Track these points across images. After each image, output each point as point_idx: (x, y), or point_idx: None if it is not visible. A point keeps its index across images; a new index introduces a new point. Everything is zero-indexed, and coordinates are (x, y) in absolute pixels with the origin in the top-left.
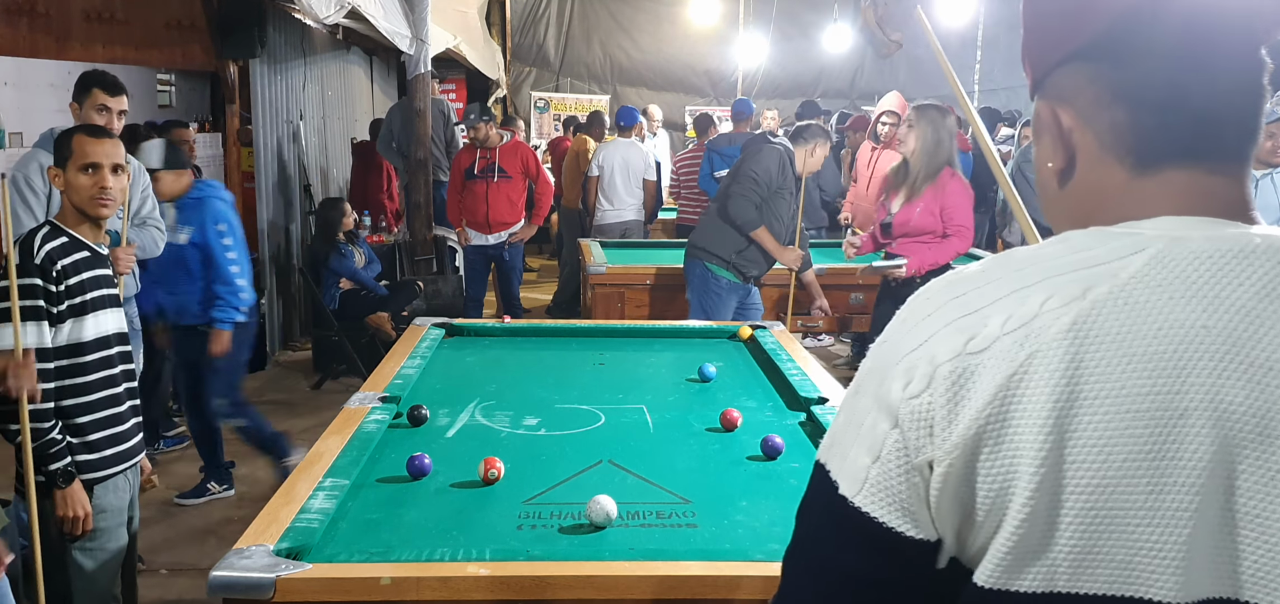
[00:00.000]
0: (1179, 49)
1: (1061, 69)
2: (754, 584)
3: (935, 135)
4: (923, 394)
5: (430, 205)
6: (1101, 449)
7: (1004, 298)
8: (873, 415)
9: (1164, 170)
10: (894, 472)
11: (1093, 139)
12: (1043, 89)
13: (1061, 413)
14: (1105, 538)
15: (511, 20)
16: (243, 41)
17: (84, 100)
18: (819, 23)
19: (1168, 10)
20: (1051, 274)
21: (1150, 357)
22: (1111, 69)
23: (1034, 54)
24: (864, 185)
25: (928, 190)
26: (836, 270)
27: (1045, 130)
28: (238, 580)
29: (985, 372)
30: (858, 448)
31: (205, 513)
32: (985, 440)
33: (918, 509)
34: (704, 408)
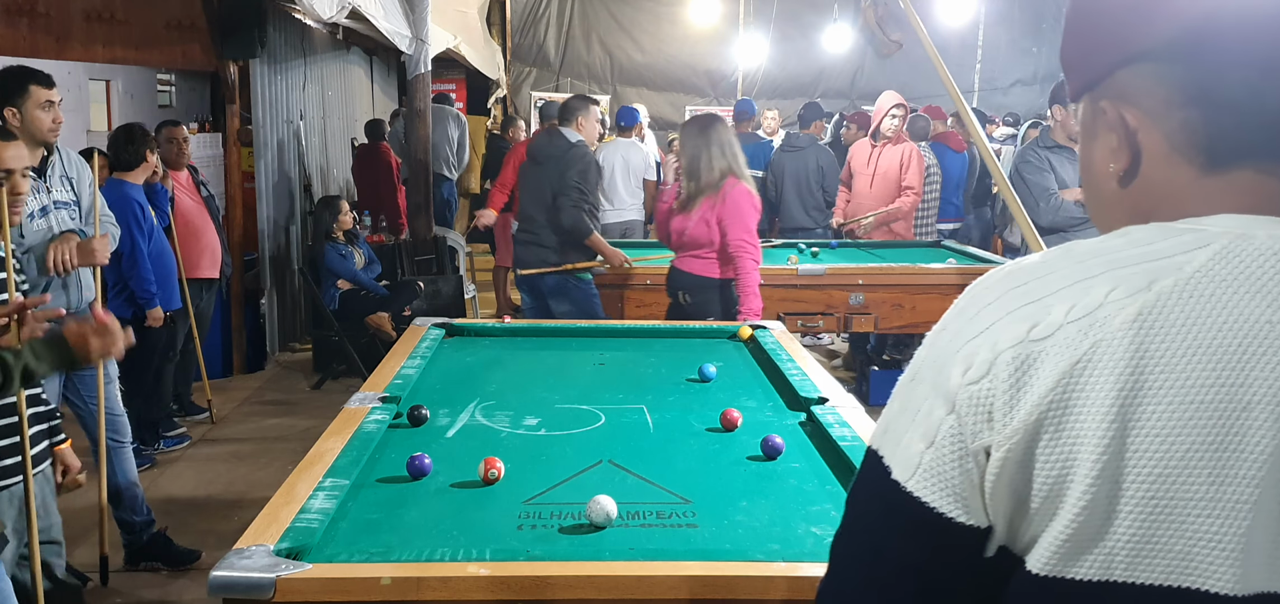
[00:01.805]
0: (1259, 52)
1: (1126, 69)
2: (754, 584)
3: (696, 148)
4: (982, 380)
5: (431, 205)
6: (1164, 439)
7: (1067, 288)
8: (929, 402)
9: (1233, 170)
10: (948, 457)
11: (1161, 138)
12: (1101, 89)
13: (1125, 402)
14: (1164, 528)
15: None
16: (243, 41)
17: (23, 100)
18: (819, 23)
19: (1250, 14)
20: (1115, 266)
21: (1215, 349)
22: (1186, 70)
23: (1090, 54)
24: (866, 184)
25: (705, 201)
26: (837, 270)
27: (1107, 130)
28: (238, 580)
29: (1048, 359)
30: (912, 434)
31: (205, 513)
32: (1046, 427)
33: (970, 495)
34: (704, 408)
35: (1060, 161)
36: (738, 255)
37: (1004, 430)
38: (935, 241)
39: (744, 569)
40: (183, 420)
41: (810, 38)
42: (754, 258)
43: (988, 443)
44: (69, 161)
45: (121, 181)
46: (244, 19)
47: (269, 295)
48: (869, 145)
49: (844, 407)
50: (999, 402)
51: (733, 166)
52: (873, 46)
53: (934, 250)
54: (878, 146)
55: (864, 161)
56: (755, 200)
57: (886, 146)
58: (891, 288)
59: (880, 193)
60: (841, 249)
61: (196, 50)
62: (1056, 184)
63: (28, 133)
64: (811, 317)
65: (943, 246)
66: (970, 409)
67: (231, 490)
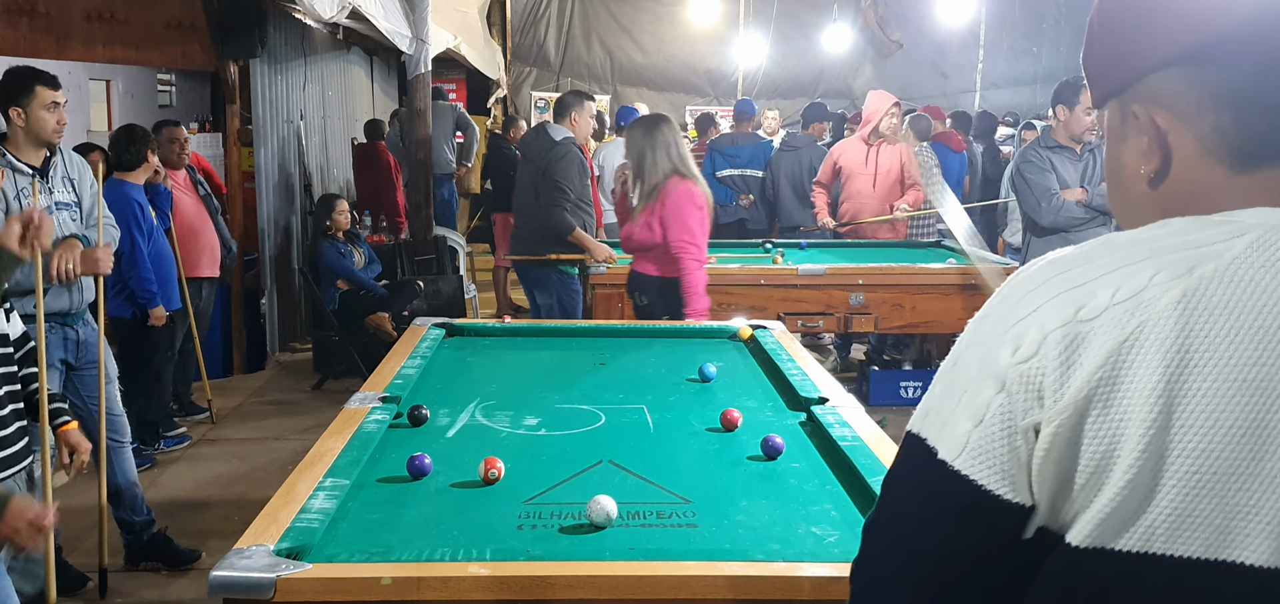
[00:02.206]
0: None
1: (1157, 74)
2: (754, 584)
3: (641, 150)
4: (1032, 359)
5: (431, 205)
6: (1208, 415)
7: (1111, 272)
8: (976, 383)
9: (1264, 169)
10: (997, 435)
11: (1192, 140)
12: (1130, 93)
13: (1171, 380)
14: (1205, 501)
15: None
16: (243, 41)
17: (29, 101)
18: (819, 23)
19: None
20: (1157, 253)
21: (1256, 331)
22: (1218, 74)
23: (1120, 61)
24: (868, 184)
25: (650, 203)
26: (837, 271)
27: (1137, 133)
28: (238, 580)
29: (1097, 338)
30: (959, 414)
31: (205, 513)
32: (1094, 403)
33: (1017, 473)
34: (704, 408)
35: (1061, 161)
36: (679, 255)
37: (1054, 407)
38: (935, 242)
39: (744, 569)
40: (183, 420)
41: (810, 38)
42: (695, 257)
43: (1037, 420)
44: (70, 162)
45: (122, 181)
46: (244, 19)
47: (269, 295)
48: (864, 145)
49: (844, 407)
50: (1049, 380)
51: (679, 167)
52: (873, 46)
53: (934, 250)
54: (874, 146)
55: (861, 161)
56: (700, 199)
57: (882, 145)
58: (891, 288)
59: (884, 191)
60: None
61: (196, 50)
62: (1057, 184)
63: (32, 133)
64: (811, 317)
65: (943, 246)
66: (1021, 387)
67: (231, 490)
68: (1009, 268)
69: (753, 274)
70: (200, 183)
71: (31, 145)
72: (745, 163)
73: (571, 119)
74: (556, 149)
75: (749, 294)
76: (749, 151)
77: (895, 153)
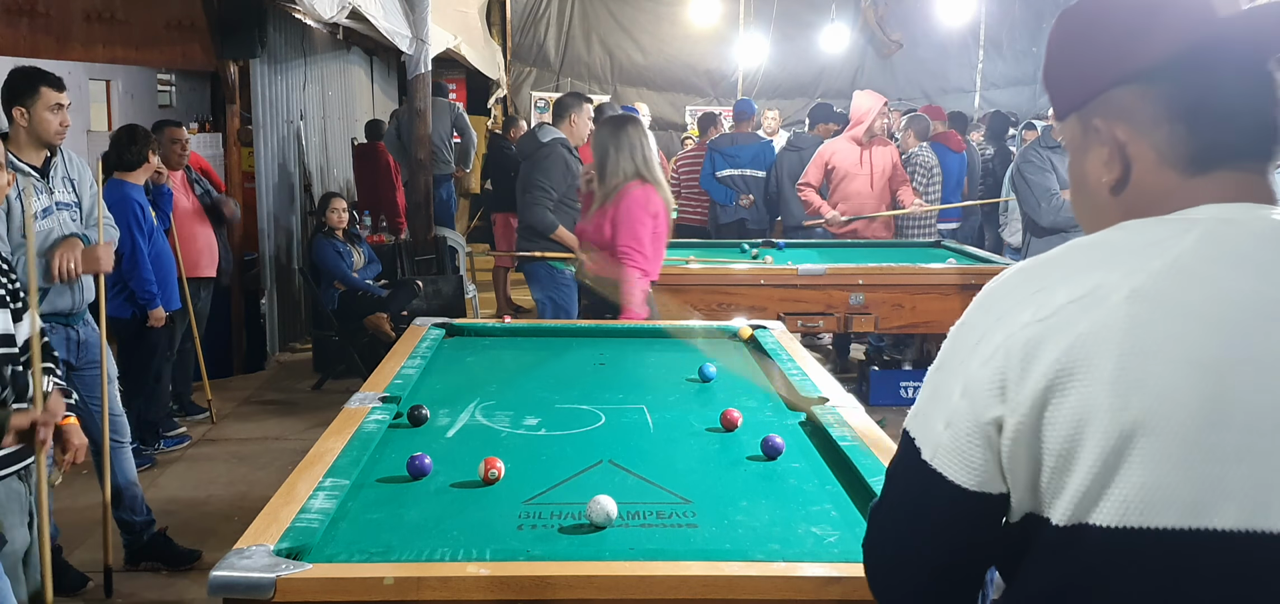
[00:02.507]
0: (1237, 71)
1: (1115, 89)
2: (754, 584)
3: (604, 149)
4: (992, 360)
5: (430, 205)
6: (1166, 397)
7: (1071, 275)
8: (949, 385)
9: (1216, 171)
10: (965, 433)
11: (1150, 149)
12: (1090, 108)
13: (1125, 367)
14: (1173, 475)
15: (511, 20)
16: (243, 41)
17: (33, 101)
18: (819, 23)
19: (1227, 38)
20: (1112, 254)
21: (1205, 316)
22: (1171, 88)
23: (1080, 78)
24: (866, 184)
25: (604, 205)
26: (837, 271)
27: (1098, 144)
28: (238, 580)
29: (1052, 335)
30: (935, 415)
31: (205, 513)
32: (1053, 393)
33: (988, 468)
34: (704, 408)
35: (1062, 161)
36: (622, 260)
37: (1014, 401)
38: (935, 242)
39: (744, 569)
40: (182, 420)
41: (810, 37)
42: (637, 265)
43: (1000, 416)
44: (70, 163)
45: (122, 182)
46: (244, 19)
47: (269, 295)
48: (856, 146)
49: (844, 407)
50: (1011, 378)
51: (641, 170)
52: (873, 46)
53: (934, 250)
54: (867, 146)
55: (855, 161)
56: (656, 207)
57: (875, 145)
58: (891, 288)
59: (881, 190)
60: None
61: (196, 50)
62: (1058, 184)
63: (34, 133)
64: (811, 317)
65: (943, 246)
66: (984, 388)
67: (231, 490)
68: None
69: (753, 274)
70: (196, 182)
71: (33, 146)
72: (745, 163)
73: (569, 121)
74: (542, 149)
75: (749, 294)
76: (749, 152)
77: (888, 152)
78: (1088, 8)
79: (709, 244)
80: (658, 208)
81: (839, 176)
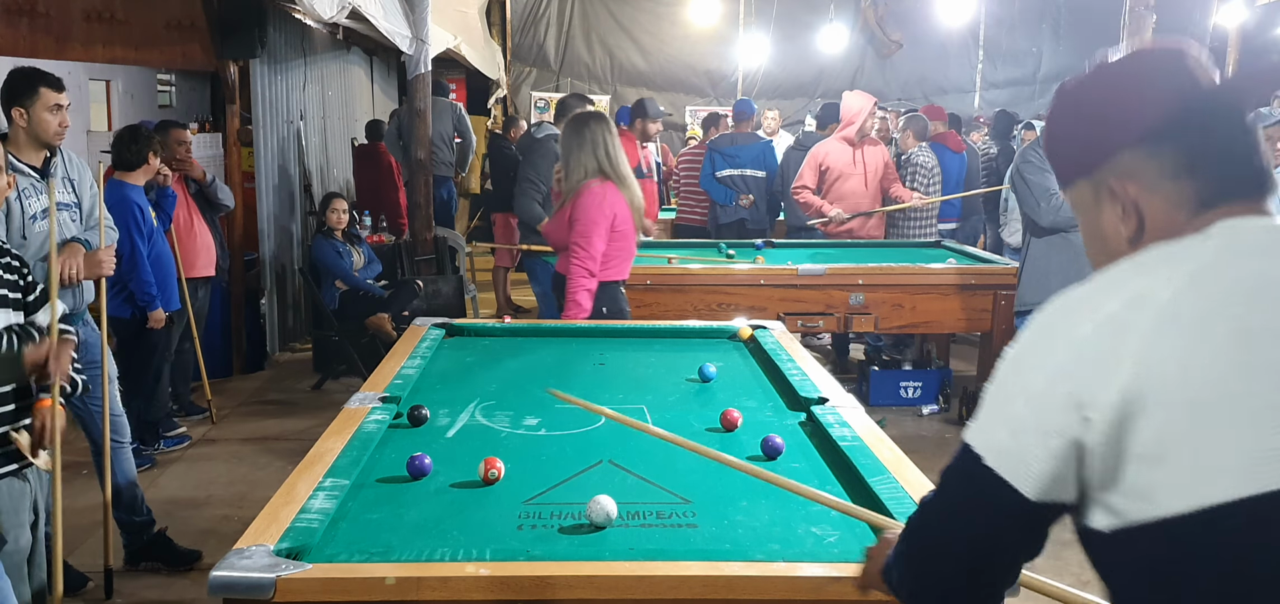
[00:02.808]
0: (1226, 125)
1: (1122, 153)
2: (754, 584)
3: (569, 147)
4: (1061, 374)
5: (430, 205)
6: (1223, 371)
7: (1116, 288)
8: (1012, 399)
9: (1220, 206)
10: (1028, 443)
11: (1160, 201)
12: (1100, 171)
13: (1184, 350)
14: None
15: (511, 20)
16: (243, 41)
17: (32, 102)
18: (819, 23)
19: (1215, 101)
20: (1148, 267)
21: (1248, 294)
22: (1174, 147)
23: (1088, 147)
24: (861, 184)
25: (566, 202)
26: (837, 271)
27: (1112, 201)
28: (238, 580)
29: (1114, 340)
30: (998, 426)
31: (205, 513)
32: (1130, 399)
33: (1047, 476)
34: (704, 408)
35: None
36: (569, 256)
37: (1092, 411)
38: (935, 242)
39: (744, 569)
40: (182, 420)
41: (810, 38)
42: (581, 263)
43: (1073, 427)
44: (70, 163)
45: (122, 183)
46: (244, 19)
47: (269, 295)
48: (848, 146)
49: (844, 407)
50: (1083, 389)
51: (604, 167)
52: (873, 46)
53: (934, 250)
54: (859, 146)
55: (849, 161)
56: (612, 206)
57: (866, 145)
58: (891, 288)
59: (875, 189)
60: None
61: (196, 50)
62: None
63: (33, 134)
64: (811, 317)
65: (943, 246)
66: (1054, 401)
67: (231, 490)
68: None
69: (753, 274)
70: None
71: (32, 146)
72: (745, 163)
73: None
74: (536, 144)
75: (749, 294)
76: (749, 152)
77: (879, 151)
78: (1087, 84)
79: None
80: (618, 207)
81: (833, 177)
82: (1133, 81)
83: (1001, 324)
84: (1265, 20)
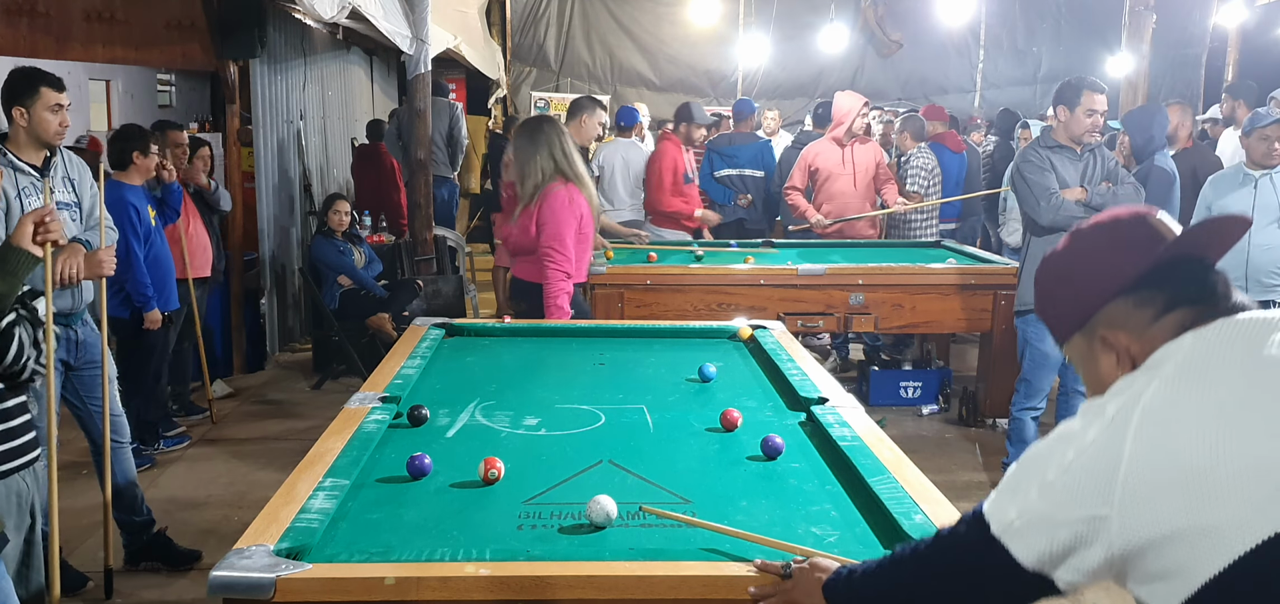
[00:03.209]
0: (1196, 265)
1: (1109, 305)
2: (754, 584)
3: (524, 151)
4: (1071, 472)
5: (430, 205)
6: (1215, 440)
7: (1112, 396)
8: (1027, 486)
9: (1203, 323)
10: (1033, 522)
11: (1148, 342)
12: (1091, 325)
13: (1158, 439)
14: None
15: (511, 20)
16: (243, 41)
17: (33, 101)
18: (819, 23)
19: (1183, 245)
20: (1138, 373)
21: (1227, 370)
22: (1155, 291)
23: (1076, 305)
24: (850, 184)
25: (528, 207)
26: (837, 271)
27: (1106, 350)
28: (238, 580)
29: (1114, 438)
30: (1011, 506)
31: (205, 513)
32: (1136, 488)
33: (1046, 555)
34: (704, 408)
35: (1061, 161)
36: (543, 260)
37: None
38: (935, 242)
39: (744, 569)
40: (182, 420)
41: (810, 38)
42: (558, 266)
43: (1081, 521)
44: (70, 163)
45: (118, 184)
46: (244, 19)
47: (269, 295)
48: (838, 146)
49: (844, 407)
50: (1091, 488)
51: (562, 166)
52: (873, 46)
53: (934, 250)
54: (849, 145)
55: (838, 162)
56: (580, 207)
57: (856, 145)
58: (891, 288)
59: (864, 189)
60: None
61: (196, 50)
62: (1057, 184)
63: (33, 134)
64: (811, 316)
65: (942, 246)
66: (1064, 494)
67: (231, 490)
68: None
69: (752, 274)
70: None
71: (32, 145)
72: (744, 163)
73: (579, 121)
74: None
75: (749, 294)
76: (748, 152)
77: (869, 151)
78: (1069, 251)
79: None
80: (583, 208)
81: (823, 177)
82: (1109, 243)
83: (1001, 324)
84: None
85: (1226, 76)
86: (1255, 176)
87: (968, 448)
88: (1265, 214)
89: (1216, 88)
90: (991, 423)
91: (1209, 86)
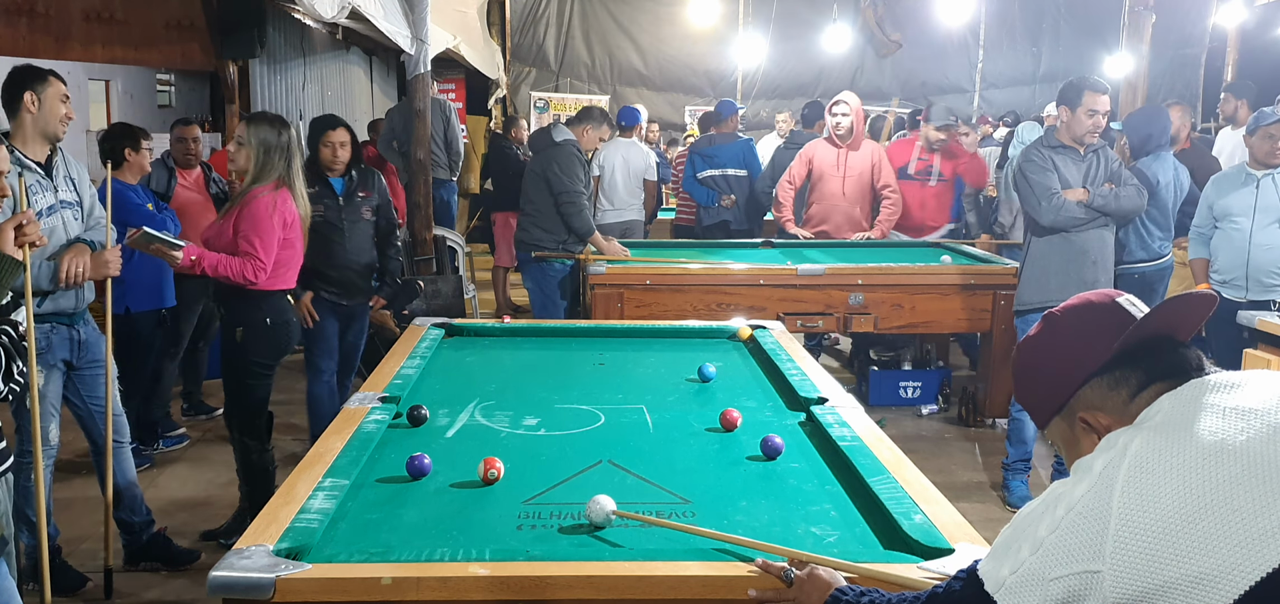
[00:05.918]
0: (1165, 343)
1: (1084, 388)
2: (754, 584)
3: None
4: (1059, 530)
5: (430, 205)
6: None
7: (1099, 453)
8: (1019, 544)
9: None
10: (1025, 580)
11: (1125, 418)
12: (1069, 407)
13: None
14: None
15: (511, 20)
16: (243, 41)
17: (44, 89)
18: (819, 23)
19: (1151, 323)
20: (1121, 432)
21: (1205, 424)
22: (1128, 369)
23: (1053, 390)
24: (838, 186)
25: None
26: (837, 271)
27: (1088, 433)
28: (237, 580)
29: (1099, 493)
30: (1005, 564)
31: (205, 513)
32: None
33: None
34: (704, 408)
35: (1063, 161)
36: (246, 261)
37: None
38: (935, 241)
39: (744, 569)
40: (191, 421)
41: (810, 38)
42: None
43: (1070, 576)
44: (69, 162)
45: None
46: (244, 19)
47: None
48: (834, 147)
49: (844, 407)
50: (1080, 546)
51: (283, 172)
52: (872, 46)
53: (934, 250)
54: (844, 148)
55: (831, 163)
56: (287, 213)
57: (850, 149)
58: (891, 288)
59: (854, 195)
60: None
61: (196, 50)
62: (1059, 184)
63: (42, 121)
64: (811, 316)
65: (942, 246)
66: (1055, 552)
67: (231, 491)
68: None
69: (752, 274)
70: (215, 181)
71: (38, 139)
72: (726, 162)
73: (584, 129)
74: (557, 150)
75: (749, 294)
76: (728, 151)
77: (865, 156)
78: (1045, 336)
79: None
80: (286, 215)
81: (816, 176)
82: (1081, 327)
83: (1001, 324)
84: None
85: (1226, 76)
86: (1257, 176)
87: (967, 448)
88: (1266, 214)
89: (1216, 88)
90: (991, 423)
91: (1208, 87)
